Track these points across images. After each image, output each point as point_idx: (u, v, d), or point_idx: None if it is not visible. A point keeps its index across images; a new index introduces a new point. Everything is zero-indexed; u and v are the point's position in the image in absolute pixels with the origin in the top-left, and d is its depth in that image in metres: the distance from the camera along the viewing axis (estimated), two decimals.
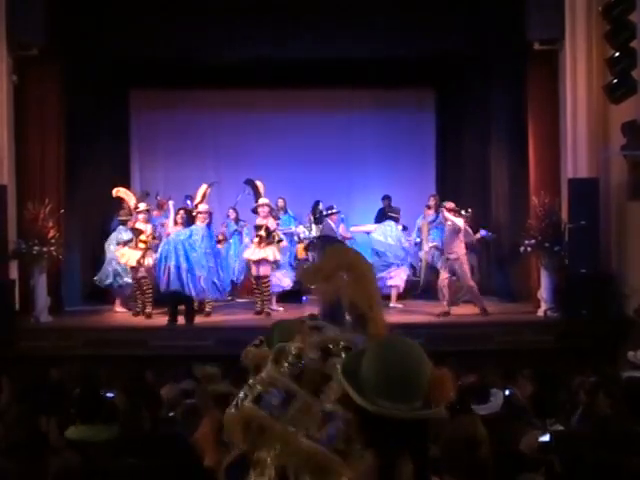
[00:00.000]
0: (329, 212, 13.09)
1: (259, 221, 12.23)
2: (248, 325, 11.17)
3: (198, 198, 12.13)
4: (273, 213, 12.48)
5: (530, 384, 6.78)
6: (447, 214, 11.75)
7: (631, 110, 10.11)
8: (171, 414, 5.91)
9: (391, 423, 1.97)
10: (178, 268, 11.35)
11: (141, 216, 12.05)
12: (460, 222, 11.74)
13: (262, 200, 12.35)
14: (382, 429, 1.99)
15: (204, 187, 12.18)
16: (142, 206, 12.18)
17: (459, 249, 11.71)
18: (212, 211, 12.29)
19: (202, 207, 11.92)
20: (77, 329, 11.28)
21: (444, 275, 11.85)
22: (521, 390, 6.72)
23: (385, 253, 12.71)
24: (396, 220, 13.03)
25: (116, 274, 12.57)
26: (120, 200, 12.65)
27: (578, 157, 11.43)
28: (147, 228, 12.09)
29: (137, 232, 12.03)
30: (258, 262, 12.05)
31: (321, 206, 13.58)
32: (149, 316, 11.93)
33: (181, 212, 12.02)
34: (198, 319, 11.70)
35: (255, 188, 12.57)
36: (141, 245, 11.97)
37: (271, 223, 12.20)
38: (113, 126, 14.72)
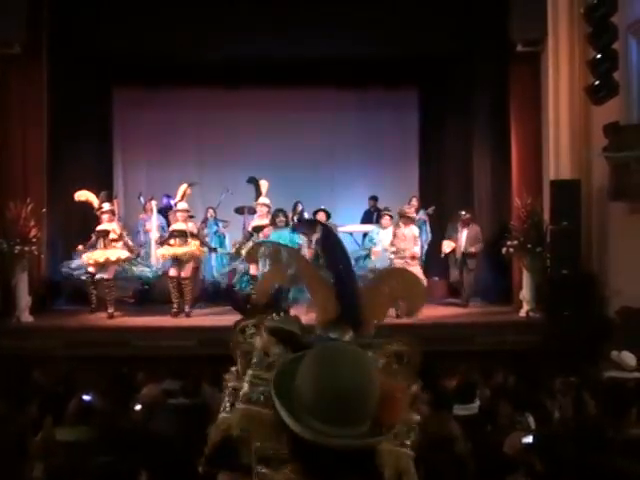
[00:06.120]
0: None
1: (257, 221, 11.95)
2: (230, 325, 11.06)
3: (178, 197, 12.05)
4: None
5: (509, 380, 6.81)
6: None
7: (613, 112, 10.17)
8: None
9: (330, 451, 1.60)
10: None
11: (105, 216, 11.84)
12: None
13: (261, 199, 12.07)
14: (321, 458, 1.62)
15: (184, 186, 12.11)
16: (106, 206, 11.92)
17: None
18: (190, 209, 12.15)
19: (181, 205, 11.88)
20: (58, 329, 11.20)
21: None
22: (500, 387, 6.74)
23: None
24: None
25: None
26: (86, 203, 12.18)
27: (560, 159, 11.48)
28: (113, 227, 11.85)
29: (103, 233, 11.78)
30: None
31: (300, 207, 13.49)
32: (111, 316, 11.78)
33: (280, 214, 11.71)
34: (180, 320, 11.67)
35: (257, 186, 12.39)
36: (115, 244, 11.75)
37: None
38: (96, 125, 14.62)
